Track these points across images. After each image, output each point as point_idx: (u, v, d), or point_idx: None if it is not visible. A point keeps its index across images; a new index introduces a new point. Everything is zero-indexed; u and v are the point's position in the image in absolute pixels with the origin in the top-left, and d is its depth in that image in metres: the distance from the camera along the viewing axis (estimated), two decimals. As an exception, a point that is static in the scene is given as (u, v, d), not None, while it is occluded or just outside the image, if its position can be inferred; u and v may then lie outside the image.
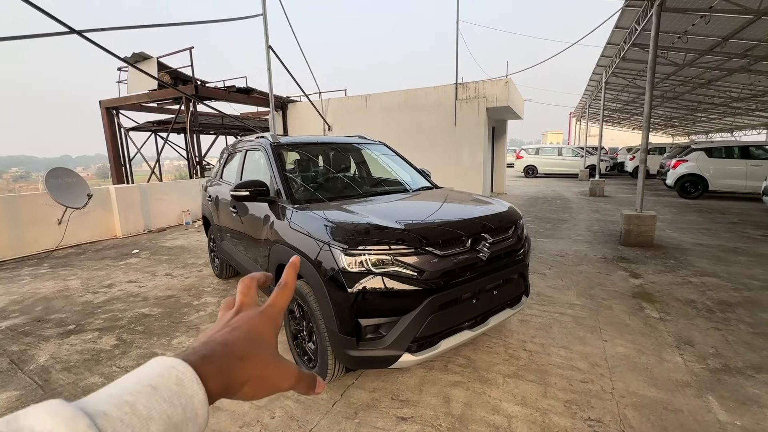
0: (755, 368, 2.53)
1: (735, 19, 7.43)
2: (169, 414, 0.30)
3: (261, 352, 0.39)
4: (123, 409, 0.28)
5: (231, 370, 0.36)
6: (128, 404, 0.28)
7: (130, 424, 0.27)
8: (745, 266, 4.65)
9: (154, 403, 0.29)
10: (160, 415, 0.29)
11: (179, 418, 0.30)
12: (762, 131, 26.90)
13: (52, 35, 5.35)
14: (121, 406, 0.28)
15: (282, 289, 0.46)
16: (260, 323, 0.42)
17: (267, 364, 0.39)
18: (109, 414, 0.27)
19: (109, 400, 0.28)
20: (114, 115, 11.12)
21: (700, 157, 10.81)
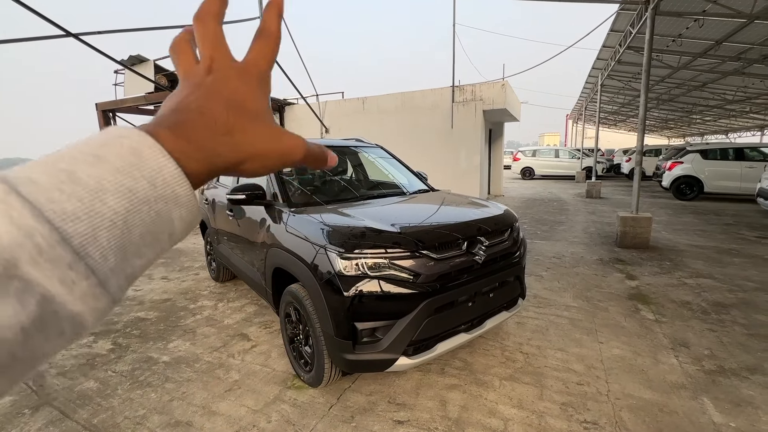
0: (750, 369, 2.55)
1: (728, 23, 7.51)
2: (130, 187, 0.23)
3: (253, 123, 0.31)
4: (58, 177, 0.21)
5: (216, 147, 0.29)
6: (64, 172, 0.22)
7: (72, 194, 0.21)
8: (739, 268, 4.68)
9: (103, 173, 0.22)
10: (116, 187, 0.23)
11: (147, 193, 0.24)
12: (756, 133, 27.15)
13: (49, 38, 5.34)
14: (54, 173, 0.21)
15: (263, 38, 0.33)
16: (245, 85, 0.32)
17: (263, 137, 0.31)
18: (38, 181, 0.21)
19: (36, 168, 0.21)
20: (110, 117, 11.09)
21: (696, 159, 10.89)
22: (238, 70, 0.32)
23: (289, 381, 2.52)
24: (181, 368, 2.70)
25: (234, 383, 2.51)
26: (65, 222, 0.21)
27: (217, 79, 0.31)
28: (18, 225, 0.19)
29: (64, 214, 0.21)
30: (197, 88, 0.31)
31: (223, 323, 3.41)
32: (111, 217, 0.22)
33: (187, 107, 0.29)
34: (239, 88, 0.31)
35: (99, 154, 0.23)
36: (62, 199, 0.21)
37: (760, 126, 24.15)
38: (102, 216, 0.22)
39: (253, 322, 3.40)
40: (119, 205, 0.23)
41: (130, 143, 0.24)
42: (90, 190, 0.22)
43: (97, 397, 2.40)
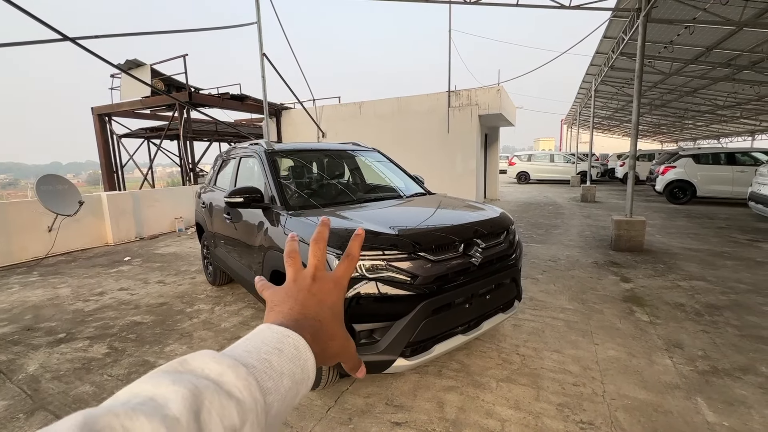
0: (742, 370, 2.58)
1: (718, 30, 7.66)
2: (294, 372, 0.35)
3: (341, 330, 0.44)
4: (264, 364, 0.33)
5: (325, 348, 0.41)
6: (266, 361, 0.33)
7: (271, 377, 0.32)
8: (732, 270, 4.74)
9: (284, 362, 0.34)
10: (288, 372, 0.34)
11: (300, 377, 0.35)
12: (747, 138, 27.53)
13: (46, 42, 5.35)
14: (262, 361, 0.33)
15: (348, 259, 0.47)
16: (338, 299, 0.45)
17: (344, 341, 0.44)
18: (256, 367, 0.32)
19: (250, 356, 0.33)
20: (106, 121, 11.06)
21: (688, 163, 11.03)
22: (332, 281, 0.45)
23: (286, 384, 2.51)
24: (178, 372, 2.69)
25: (231, 386, 2.50)
26: (267, 395, 0.31)
27: (320, 289, 0.44)
28: (254, 396, 0.30)
29: (267, 390, 0.32)
30: (309, 294, 0.43)
31: (220, 327, 3.40)
32: (282, 393, 0.33)
33: (312, 316, 0.42)
34: (335, 298, 0.45)
35: (280, 348, 0.35)
36: (266, 378, 0.32)
37: (751, 131, 24.51)
38: (279, 392, 0.33)
39: (251, 326, 3.39)
40: (287, 384, 0.34)
41: (293, 342, 0.37)
42: (278, 373, 0.33)
43: (92, 401, 2.39)
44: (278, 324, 0.38)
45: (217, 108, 10.59)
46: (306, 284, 0.45)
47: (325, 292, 0.44)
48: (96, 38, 5.80)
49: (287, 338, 0.37)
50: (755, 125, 21.06)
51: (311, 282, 0.45)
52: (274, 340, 0.36)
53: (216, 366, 0.30)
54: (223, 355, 0.31)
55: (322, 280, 0.45)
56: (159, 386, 0.27)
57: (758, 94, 12.38)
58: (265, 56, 7.83)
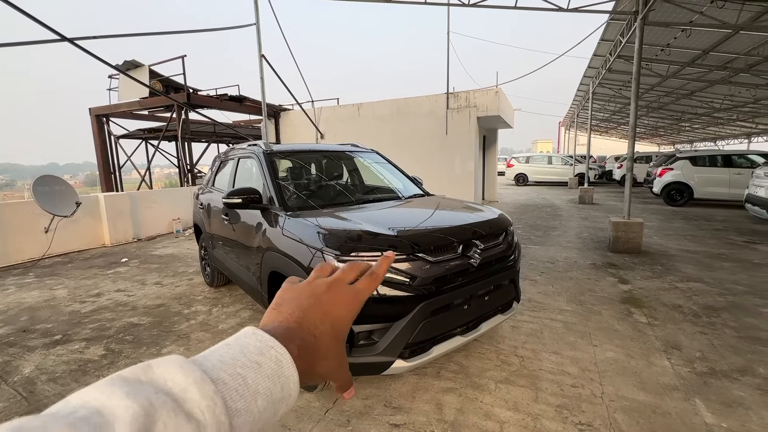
0: (740, 371, 2.58)
1: (714, 33, 7.71)
2: (271, 391, 0.32)
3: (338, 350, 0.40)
4: (237, 381, 0.30)
5: (313, 366, 0.38)
6: (241, 377, 0.30)
7: (243, 396, 0.30)
8: (729, 272, 4.76)
9: (260, 379, 0.31)
10: (264, 391, 0.31)
11: (278, 395, 0.32)
12: (744, 140, 27.70)
13: (43, 42, 5.33)
14: (235, 377, 0.30)
15: (372, 276, 0.44)
16: (347, 314, 0.41)
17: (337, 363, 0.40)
18: (227, 383, 0.29)
19: (223, 368, 0.30)
20: (104, 122, 11.03)
21: (685, 165, 11.08)
22: (350, 294, 0.42)
23: (284, 385, 2.50)
24: (175, 373, 2.67)
25: (229, 388, 2.49)
26: (234, 417, 0.29)
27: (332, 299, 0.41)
28: (218, 420, 0.27)
29: (236, 411, 0.29)
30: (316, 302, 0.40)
31: (218, 328, 3.39)
32: (255, 414, 0.30)
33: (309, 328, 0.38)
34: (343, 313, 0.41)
35: (259, 362, 0.32)
36: (236, 398, 0.29)
37: (747, 134, 24.67)
38: (251, 412, 0.30)
39: (245, 324, 3.37)
40: (262, 405, 0.31)
41: (275, 355, 0.33)
42: (252, 392, 0.30)
43: (89, 403, 2.37)
44: (268, 329, 0.36)
45: (216, 109, 10.58)
46: (320, 290, 0.41)
47: (336, 303, 0.40)
48: (94, 39, 5.79)
49: (270, 350, 0.33)
50: (751, 128, 21.19)
51: (326, 288, 0.41)
52: (254, 351, 0.33)
53: (181, 379, 0.27)
54: (193, 365, 0.29)
55: (339, 288, 0.42)
56: (112, 397, 0.25)
57: (754, 97, 12.46)
58: (263, 57, 7.83)
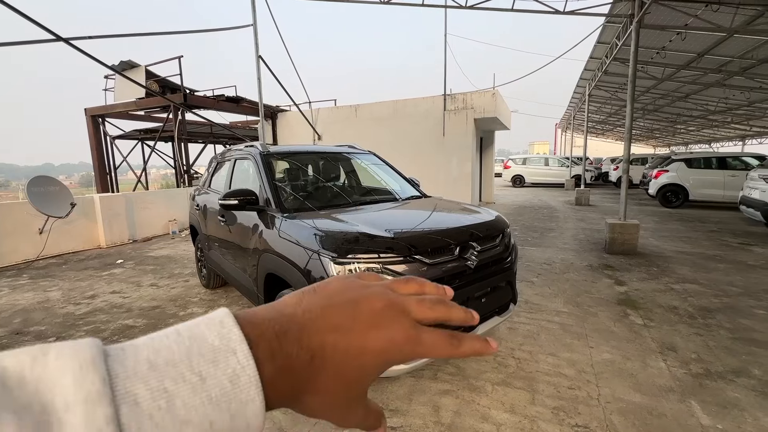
0: (735, 372, 2.60)
1: (709, 37, 7.78)
2: (212, 420, 0.22)
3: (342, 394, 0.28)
4: (157, 402, 0.21)
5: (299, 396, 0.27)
6: (166, 395, 0.21)
7: (159, 425, 0.21)
8: (724, 273, 4.79)
9: (197, 403, 0.22)
10: (200, 420, 0.22)
11: (223, 426, 0.23)
12: (738, 143, 27.94)
13: (38, 42, 5.30)
14: (157, 395, 0.21)
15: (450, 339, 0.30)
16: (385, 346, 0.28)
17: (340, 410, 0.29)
18: (140, 404, 0.21)
19: (147, 376, 0.22)
20: (100, 123, 10.97)
21: (681, 167, 11.16)
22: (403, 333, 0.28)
23: (280, 388, 2.49)
24: (171, 376, 2.65)
25: (224, 391, 2.47)
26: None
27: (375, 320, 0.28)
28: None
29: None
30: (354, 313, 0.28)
31: (214, 330, 3.37)
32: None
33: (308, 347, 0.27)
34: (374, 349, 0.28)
35: (204, 375, 0.23)
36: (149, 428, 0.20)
37: (741, 136, 24.89)
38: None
39: (245, 329, 3.36)
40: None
41: (235, 366, 0.24)
42: (177, 421, 0.21)
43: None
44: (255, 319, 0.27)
45: (213, 110, 10.55)
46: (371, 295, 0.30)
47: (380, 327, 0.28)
48: (90, 39, 5.76)
49: (228, 358, 0.24)
50: (746, 130, 21.38)
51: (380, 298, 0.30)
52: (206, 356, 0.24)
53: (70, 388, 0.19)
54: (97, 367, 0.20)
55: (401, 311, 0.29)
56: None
57: (748, 100, 12.58)
58: (261, 59, 7.82)
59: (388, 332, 0.28)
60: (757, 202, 7.04)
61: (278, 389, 0.26)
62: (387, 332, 0.28)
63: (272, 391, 0.25)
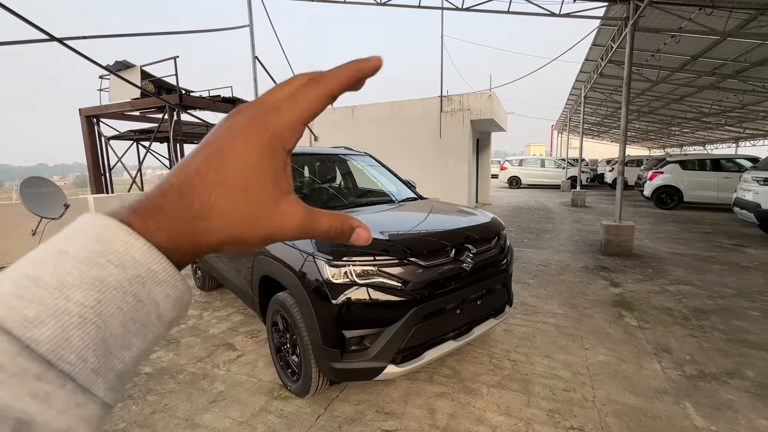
0: (729, 374, 2.61)
1: (703, 40, 7.85)
2: (97, 276, 0.21)
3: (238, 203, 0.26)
4: (20, 284, 0.20)
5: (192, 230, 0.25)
6: (28, 277, 0.20)
7: (34, 299, 0.20)
8: (718, 275, 4.82)
9: (67, 268, 0.21)
10: (81, 280, 0.21)
11: (118, 277, 0.22)
12: (731, 145, 28.18)
13: (32, 42, 5.25)
14: (17, 281, 0.20)
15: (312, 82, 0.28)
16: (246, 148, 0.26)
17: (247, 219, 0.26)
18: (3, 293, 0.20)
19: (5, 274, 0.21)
20: (94, 123, 10.89)
21: (675, 169, 11.24)
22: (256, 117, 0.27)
23: (275, 391, 2.48)
24: (164, 379, 2.63)
25: (219, 394, 2.46)
26: (27, 329, 0.19)
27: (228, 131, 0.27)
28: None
29: (25, 321, 0.19)
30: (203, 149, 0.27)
31: (209, 333, 3.34)
32: (80, 313, 0.20)
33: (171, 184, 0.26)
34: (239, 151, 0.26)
35: (63, 249, 0.22)
36: (22, 306, 0.19)
37: (735, 138, 25.11)
38: (69, 313, 0.20)
39: (240, 332, 3.34)
40: (87, 297, 0.21)
41: (96, 231, 0.23)
42: (52, 288, 0.20)
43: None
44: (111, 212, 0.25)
45: (209, 111, 10.50)
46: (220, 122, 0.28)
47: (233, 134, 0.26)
48: (84, 39, 5.72)
49: (87, 229, 0.23)
50: (739, 132, 21.58)
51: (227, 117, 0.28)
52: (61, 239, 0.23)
53: None
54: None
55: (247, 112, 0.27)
56: None
57: (742, 102, 12.69)
58: (257, 59, 7.80)
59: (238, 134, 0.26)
60: (751, 204, 7.10)
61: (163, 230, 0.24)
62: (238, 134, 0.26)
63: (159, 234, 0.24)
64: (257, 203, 0.26)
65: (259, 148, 0.26)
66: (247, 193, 0.26)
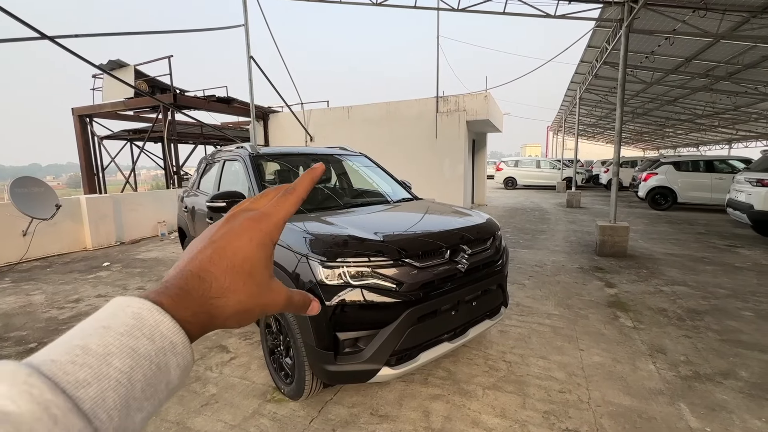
0: (723, 375, 2.62)
1: (696, 42, 7.91)
2: (132, 346, 0.26)
3: (245, 283, 0.34)
4: (73, 353, 0.25)
5: (209, 309, 0.32)
6: (79, 347, 0.25)
7: (84, 364, 0.24)
8: (711, 275, 4.84)
9: (110, 339, 0.26)
10: (120, 349, 0.26)
11: (147, 348, 0.27)
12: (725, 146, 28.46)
13: (23, 40, 5.18)
14: (70, 350, 0.25)
15: (287, 194, 0.38)
16: (248, 244, 0.34)
17: (252, 296, 0.34)
18: (57, 359, 0.24)
19: (55, 348, 0.25)
20: (87, 123, 10.78)
21: (669, 170, 11.32)
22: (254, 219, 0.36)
23: (268, 394, 2.45)
24: (156, 382, 2.59)
25: (211, 397, 2.42)
26: (77, 389, 0.23)
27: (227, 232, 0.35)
28: (38, 401, 0.22)
29: (76, 383, 0.24)
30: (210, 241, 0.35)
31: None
32: (117, 377, 0.25)
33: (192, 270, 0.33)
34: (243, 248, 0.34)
35: (106, 325, 0.27)
36: (75, 369, 0.24)
37: (728, 140, 25.35)
38: (109, 378, 0.25)
39: (233, 333, 3.30)
40: (123, 364, 0.26)
41: (132, 309, 0.28)
42: (98, 356, 0.25)
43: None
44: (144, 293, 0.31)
45: (203, 110, 10.44)
46: (216, 226, 0.36)
47: (234, 233, 0.35)
48: (76, 37, 5.66)
49: (124, 309, 0.28)
50: (732, 134, 21.79)
51: (224, 221, 0.36)
52: (103, 317, 0.28)
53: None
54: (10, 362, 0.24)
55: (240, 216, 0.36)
56: None
57: (734, 104, 12.81)
58: (252, 59, 7.75)
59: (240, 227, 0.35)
60: (743, 205, 7.15)
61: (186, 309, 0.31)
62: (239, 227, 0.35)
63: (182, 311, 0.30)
64: (258, 283, 0.35)
65: (257, 243, 0.35)
66: (252, 275, 0.34)
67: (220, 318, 0.33)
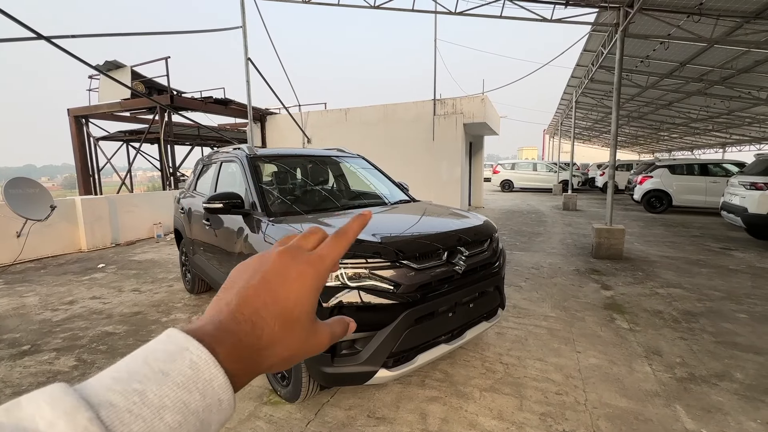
0: (718, 376, 2.63)
1: (691, 46, 7.99)
2: (185, 401, 0.26)
3: (291, 330, 0.33)
4: (131, 399, 0.25)
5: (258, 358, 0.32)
6: (137, 393, 0.25)
7: (140, 415, 0.24)
8: (706, 277, 4.88)
9: (166, 390, 0.26)
10: (174, 403, 0.26)
11: (198, 404, 0.27)
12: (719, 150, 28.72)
13: (19, 40, 5.16)
14: (129, 395, 0.25)
15: (339, 237, 0.37)
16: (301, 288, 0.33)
17: (300, 342, 0.34)
18: (116, 404, 0.24)
19: (114, 386, 0.25)
20: (83, 123, 10.73)
21: (664, 173, 11.41)
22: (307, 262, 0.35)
23: (265, 396, 2.43)
24: (151, 385, 2.57)
25: (207, 400, 2.40)
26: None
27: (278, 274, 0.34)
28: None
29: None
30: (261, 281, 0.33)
31: (197, 337, 3.28)
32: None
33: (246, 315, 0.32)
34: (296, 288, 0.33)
35: (165, 370, 0.27)
36: (131, 420, 0.24)
37: (722, 143, 25.59)
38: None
39: (229, 336, 3.28)
40: (174, 420, 0.25)
41: (191, 357, 0.28)
42: (154, 408, 0.25)
43: (56, 417, 2.25)
44: (194, 328, 0.30)
45: (200, 112, 10.41)
46: (266, 264, 0.34)
47: (286, 278, 0.33)
48: (73, 38, 5.64)
49: (183, 354, 0.27)
50: (726, 138, 22.00)
51: (275, 259, 0.34)
52: (162, 359, 0.27)
53: (48, 412, 0.22)
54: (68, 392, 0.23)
55: (291, 258, 0.34)
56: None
57: (728, 108, 12.94)
58: (250, 60, 7.75)
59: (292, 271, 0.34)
60: (738, 208, 7.21)
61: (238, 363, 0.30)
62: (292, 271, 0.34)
63: (233, 363, 0.29)
64: (306, 329, 0.34)
65: (310, 287, 0.34)
66: (300, 321, 0.33)
67: (265, 366, 0.32)
